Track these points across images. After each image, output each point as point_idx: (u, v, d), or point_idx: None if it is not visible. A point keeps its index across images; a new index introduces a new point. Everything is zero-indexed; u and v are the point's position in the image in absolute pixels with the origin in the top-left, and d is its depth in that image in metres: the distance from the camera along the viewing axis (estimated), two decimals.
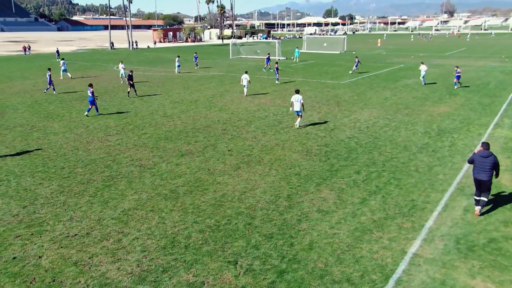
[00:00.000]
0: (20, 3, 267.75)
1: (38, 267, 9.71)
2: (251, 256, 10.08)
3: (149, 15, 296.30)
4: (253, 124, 22.89)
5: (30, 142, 19.61)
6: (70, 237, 11.01)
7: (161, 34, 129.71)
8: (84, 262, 9.90)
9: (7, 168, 16.13)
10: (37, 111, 26.52)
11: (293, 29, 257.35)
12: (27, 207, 12.81)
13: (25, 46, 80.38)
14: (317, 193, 13.68)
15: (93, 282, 9.14)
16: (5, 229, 11.42)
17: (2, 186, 14.36)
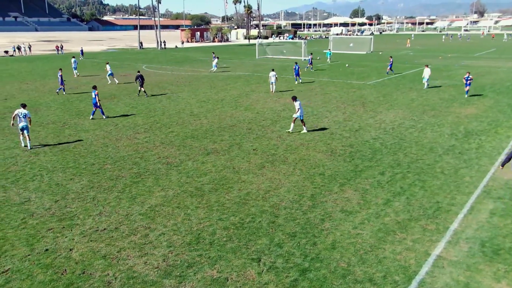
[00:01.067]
0: (53, 4, 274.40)
1: (69, 259, 10.10)
2: (274, 254, 10.24)
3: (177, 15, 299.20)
4: (278, 123, 23.04)
5: (62, 139, 20.24)
6: (99, 231, 11.39)
7: (188, 34, 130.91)
8: (113, 255, 10.24)
9: (40, 164, 16.73)
10: (69, 109, 27.31)
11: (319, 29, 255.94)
12: (59, 201, 13.29)
13: (58, 45, 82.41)
14: (341, 193, 13.74)
15: (121, 275, 9.45)
16: (38, 222, 11.90)
17: (36, 181, 14.92)
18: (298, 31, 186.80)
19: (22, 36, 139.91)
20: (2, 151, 18.33)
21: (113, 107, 27.73)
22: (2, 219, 12.05)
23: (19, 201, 13.23)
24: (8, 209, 12.70)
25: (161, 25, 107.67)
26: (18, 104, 27.73)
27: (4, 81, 40.46)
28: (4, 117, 24.84)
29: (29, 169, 16.07)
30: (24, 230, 11.42)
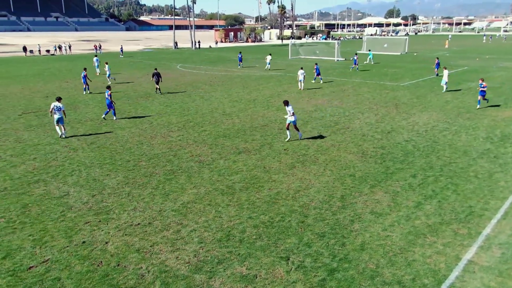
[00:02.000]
0: (93, 4, 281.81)
1: (104, 251, 10.51)
2: (303, 253, 10.36)
3: (212, 15, 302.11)
4: (310, 124, 23.08)
5: (100, 136, 20.92)
6: (134, 226, 11.79)
7: (222, 34, 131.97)
8: (146, 249, 10.59)
9: (79, 159, 17.38)
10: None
11: (353, 29, 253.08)
12: (96, 196, 13.80)
13: (96, 45, 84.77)
14: (371, 195, 13.71)
15: (153, 268, 9.78)
16: (76, 215, 12.41)
17: (74, 176, 15.53)
18: (331, 31, 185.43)
19: (62, 35, 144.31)
20: (43, 147, 19.13)
21: (148, 106, 28.40)
22: (43, 211, 12.64)
23: (58, 195, 13.83)
24: (48, 202, 13.29)
25: (195, 25, 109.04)
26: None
27: (46, 80, 42.00)
28: (46, 114, 25.82)
29: (68, 164, 16.73)
30: (63, 223, 11.94)
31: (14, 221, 12.04)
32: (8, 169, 16.26)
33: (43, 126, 22.82)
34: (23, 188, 14.34)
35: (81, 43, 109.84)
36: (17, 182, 14.93)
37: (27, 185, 14.66)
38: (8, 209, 12.79)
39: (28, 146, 19.20)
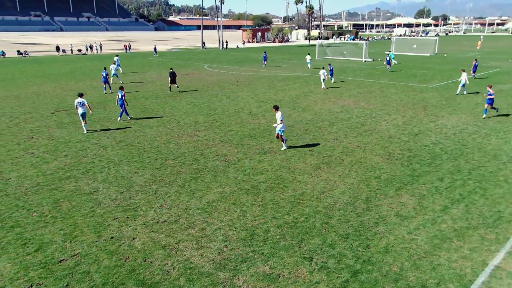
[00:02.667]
0: (123, 4, 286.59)
1: (131, 247, 10.79)
2: (326, 254, 10.40)
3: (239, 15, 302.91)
4: (336, 125, 23.01)
5: (128, 134, 21.37)
6: (160, 223, 12.04)
7: (250, 34, 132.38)
8: (172, 246, 10.82)
9: (108, 157, 17.81)
10: (135, 106, 28.67)
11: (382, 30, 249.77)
12: (124, 193, 14.14)
13: (126, 44, 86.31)
14: (397, 198, 13.61)
15: (178, 265, 9.99)
16: (105, 211, 12.75)
17: (103, 173, 15.94)
18: (359, 31, 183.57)
19: (94, 35, 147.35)
20: (74, 144, 19.67)
21: (176, 105, 28.80)
22: (73, 207, 13.04)
23: (88, 191, 14.23)
24: (78, 198, 13.70)
25: (223, 26, 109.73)
26: (89, 100, 29.52)
27: (77, 78, 43.05)
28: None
29: (98, 162, 17.18)
30: (92, 218, 12.30)
31: (46, 215, 12.47)
32: (41, 165, 16.83)
33: (74, 124, 23.44)
34: (55, 184, 14.83)
35: (111, 43, 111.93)
36: (49, 178, 15.44)
37: (58, 181, 15.14)
38: (40, 203, 13.25)
39: (60, 143, 19.79)
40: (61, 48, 79.93)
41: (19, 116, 25.62)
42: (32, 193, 14.03)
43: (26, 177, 15.53)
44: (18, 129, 22.40)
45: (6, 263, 10.03)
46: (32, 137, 20.84)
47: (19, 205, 13.12)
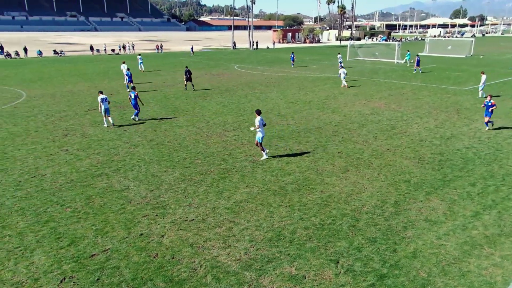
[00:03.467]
0: (156, 5, 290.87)
1: (160, 244, 11.02)
2: (352, 257, 10.36)
3: (270, 15, 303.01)
4: (365, 127, 22.80)
5: (159, 133, 21.76)
6: (188, 221, 12.24)
7: (280, 34, 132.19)
8: (199, 245, 10.99)
9: (139, 156, 18.19)
10: (166, 105, 29.16)
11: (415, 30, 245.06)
12: (154, 191, 14.42)
13: (158, 45, 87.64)
14: (426, 202, 13.41)
15: (205, 263, 10.14)
16: (135, 209, 13.05)
17: (134, 171, 16.30)
18: (392, 32, 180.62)
19: (126, 35, 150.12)
20: (106, 142, 20.17)
21: (206, 105, 29.12)
22: (105, 203, 13.40)
23: (119, 188, 14.59)
24: (110, 195, 14.06)
25: (254, 26, 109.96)
26: (121, 99, 30.19)
27: (110, 78, 44.04)
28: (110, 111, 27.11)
29: (129, 160, 17.57)
30: (123, 215, 12.61)
31: (79, 211, 12.87)
32: (74, 162, 17.34)
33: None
34: (87, 181, 15.26)
35: (143, 43, 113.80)
36: (82, 174, 15.90)
37: (91, 178, 15.57)
38: (74, 199, 13.67)
39: (93, 141, 20.33)
40: (95, 48, 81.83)
41: (54, 114, 26.44)
42: (66, 189, 14.49)
43: (61, 173, 16.04)
44: (54, 127, 23.14)
45: (41, 256, 10.41)
46: (67, 135, 21.49)
47: (53, 201, 13.58)
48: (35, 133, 21.72)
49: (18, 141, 20.29)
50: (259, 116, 16.85)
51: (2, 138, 20.87)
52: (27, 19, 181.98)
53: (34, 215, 12.56)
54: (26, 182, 15.10)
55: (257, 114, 16.92)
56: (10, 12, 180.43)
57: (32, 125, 23.45)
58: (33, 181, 15.20)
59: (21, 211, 12.85)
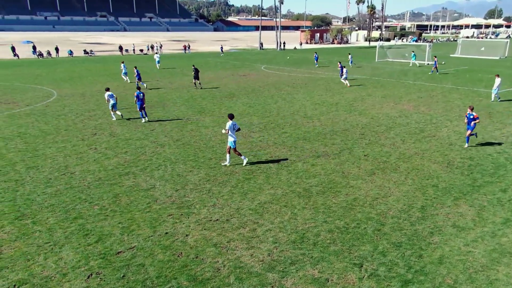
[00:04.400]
0: (184, 5, 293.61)
1: (184, 243, 11.13)
2: (377, 261, 10.23)
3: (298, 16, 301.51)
4: (393, 130, 22.48)
5: (185, 133, 21.98)
6: (212, 221, 12.33)
7: (308, 35, 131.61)
8: (223, 245, 11.05)
9: (165, 155, 18.43)
10: (192, 106, 29.44)
11: (447, 31, 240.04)
12: (179, 190, 14.58)
13: (185, 45, 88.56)
14: (454, 208, 13.13)
15: (229, 263, 10.20)
16: (160, 208, 13.23)
17: (160, 170, 16.52)
18: (423, 33, 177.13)
19: (155, 36, 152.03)
20: (134, 141, 20.51)
21: (232, 106, 29.26)
22: (131, 202, 13.63)
23: (145, 187, 14.81)
24: (136, 193, 14.29)
25: (281, 26, 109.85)
26: (149, 99, 30.60)
27: None
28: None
29: (156, 159, 17.81)
30: (148, 214, 12.80)
31: (106, 208, 13.13)
32: (103, 160, 17.70)
33: (135, 122, 24.43)
34: (115, 179, 15.55)
35: (171, 43, 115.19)
36: (110, 173, 16.21)
37: (118, 176, 15.86)
38: (101, 197, 13.96)
39: (121, 140, 20.70)
40: (124, 48, 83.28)
41: (84, 113, 27.04)
42: (94, 187, 14.81)
43: (89, 171, 16.40)
44: (83, 126, 23.67)
45: (69, 252, 10.67)
46: (95, 134, 21.95)
47: (82, 198, 13.90)
48: (65, 132, 22.27)
49: (49, 139, 20.85)
50: (231, 121, 16.38)
51: (34, 136, 21.48)
52: (59, 19, 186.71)
53: (63, 212, 12.88)
54: (56, 179, 15.51)
55: (229, 119, 16.47)
56: (43, 12, 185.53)
57: (62, 124, 24.05)
58: (62, 179, 15.59)
59: (51, 207, 13.20)
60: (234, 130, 16.43)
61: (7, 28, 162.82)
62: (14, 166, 16.98)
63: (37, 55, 71.25)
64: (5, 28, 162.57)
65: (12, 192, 14.30)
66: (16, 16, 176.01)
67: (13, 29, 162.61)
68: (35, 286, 9.32)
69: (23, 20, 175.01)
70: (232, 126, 16.32)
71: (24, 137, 21.18)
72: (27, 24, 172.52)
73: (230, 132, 16.30)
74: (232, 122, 16.34)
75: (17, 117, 25.72)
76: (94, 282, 9.49)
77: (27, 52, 74.45)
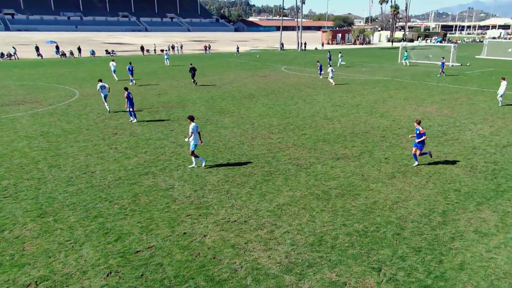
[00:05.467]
0: (205, 5, 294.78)
1: (202, 244, 11.17)
2: (396, 266, 10.09)
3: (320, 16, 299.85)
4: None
5: (204, 134, 22.06)
6: (230, 222, 12.34)
7: (329, 35, 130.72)
8: (240, 246, 11.06)
9: (184, 155, 18.50)
10: (212, 106, 29.55)
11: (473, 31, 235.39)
12: (197, 191, 14.64)
13: (206, 45, 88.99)
14: (477, 213, 12.87)
15: (246, 265, 10.19)
16: (179, 208, 13.31)
17: (179, 171, 16.62)
18: (448, 33, 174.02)
19: (176, 36, 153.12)
20: (153, 141, 20.70)
21: (251, 107, 29.27)
22: (150, 201, 13.75)
23: (164, 187, 14.92)
24: (155, 193, 14.41)
25: (303, 26, 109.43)
26: (169, 100, 30.90)
27: (159, 78, 45.12)
28: (158, 110, 27.86)
29: (175, 160, 17.93)
30: (167, 213, 12.89)
31: (125, 208, 13.27)
32: (123, 160, 17.90)
33: (155, 122, 24.65)
34: (134, 179, 15.71)
35: (192, 43, 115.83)
36: (130, 172, 16.39)
37: (138, 176, 16.02)
38: (121, 196, 14.12)
39: (141, 140, 20.91)
40: (145, 48, 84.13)
41: (105, 112, 27.39)
42: (114, 186, 14.99)
43: (109, 170, 16.61)
44: (104, 125, 23.98)
45: (89, 250, 10.82)
46: (116, 133, 22.22)
47: (102, 197, 14.08)
48: (87, 131, 22.61)
49: (70, 138, 21.19)
50: (193, 123, 16.22)
51: (56, 135, 21.87)
52: (82, 19, 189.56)
53: (84, 210, 13.07)
54: (77, 178, 15.75)
55: (191, 121, 16.27)
56: (66, 12, 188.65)
57: (84, 123, 24.43)
58: (83, 177, 15.83)
59: (72, 205, 13.41)
60: (197, 132, 16.38)
61: (31, 28, 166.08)
62: (36, 164, 17.32)
63: (60, 55, 72.53)
64: (29, 28, 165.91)
65: (34, 190, 14.59)
66: (41, 16, 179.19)
67: (37, 29, 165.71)
68: (56, 283, 9.48)
69: (47, 20, 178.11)
70: (195, 128, 16.27)
71: (47, 136, 21.59)
72: (51, 24, 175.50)
73: (194, 136, 16.25)
74: (194, 124, 16.28)
75: (40, 116, 26.24)
76: (113, 280, 9.60)
77: (51, 52, 75.85)
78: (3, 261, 10.32)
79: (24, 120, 25.07)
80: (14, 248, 10.91)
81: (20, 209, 13.15)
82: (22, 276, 9.73)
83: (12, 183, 15.26)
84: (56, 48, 75.97)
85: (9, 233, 11.70)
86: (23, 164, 17.35)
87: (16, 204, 13.46)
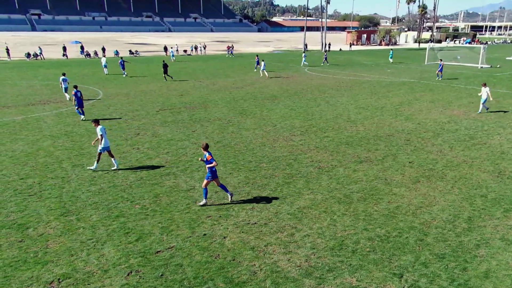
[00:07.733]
0: (228, 5, 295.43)
1: (222, 245, 11.16)
2: (418, 272, 9.88)
3: (345, 16, 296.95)
4: (441, 137, 21.71)
5: (226, 135, 22.11)
6: (250, 225, 12.31)
7: (354, 36, 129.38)
8: (260, 248, 11.00)
9: None
10: (234, 107, 29.58)
11: (504, 32, 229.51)
12: (218, 192, 14.64)
13: (229, 46, 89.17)
14: (504, 220, 12.51)
15: (265, 267, 10.13)
16: (199, 209, 13.34)
17: (200, 172, 16.66)
18: (478, 34, 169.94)
19: (199, 36, 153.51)
20: (175, 142, 20.82)
21: (273, 108, 29.18)
22: (171, 202, 13.82)
23: (185, 188, 14.98)
24: (176, 194, 14.48)
25: (327, 27, 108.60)
26: (191, 100, 31.08)
27: (181, 78, 45.44)
28: (180, 111, 28.03)
29: (196, 161, 17.97)
30: (187, 215, 12.93)
31: (147, 208, 13.38)
32: (144, 160, 18.06)
33: (176, 123, 24.80)
34: (156, 179, 15.83)
35: (215, 44, 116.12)
36: (152, 173, 16.52)
37: (159, 176, 16.13)
38: (142, 197, 14.24)
39: (163, 141, 21.06)
40: (168, 48, 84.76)
41: (127, 113, 27.72)
42: (135, 186, 15.13)
43: (131, 171, 16.76)
44: (127, 126, 24.26)
45: (111, 249, 10.94)
46: (138, 134, 22.45)
47: (124, 197, 14.23)
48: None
49: (93, 138, 21.41)
50: (99, 126, 16.31)
51: (80, 134, 22.23)
52: (106, 19, 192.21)
53: (106, 210, 13.23)
54: (100, 178, 15.96)
55: (97, 124, 16.42)
56: (91, 12, 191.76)
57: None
58: (106, 177, 16.03)
59: (94, 205, 13.59)
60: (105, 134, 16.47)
61: (57, 29, 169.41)
62: (61, 163, 17.63)
63: (84, 55, 73.76)
64: (55, 29, 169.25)
65: (58, 189, 14.84)
66: (66, 16, 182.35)
67: (62, 30, 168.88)
68: (78, 281, 9.60)
69: (72, 21, 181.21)
70: (104, 130, 16.37)
71: (71, 136, 21.97)
72: (76, 24, 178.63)
73: (104, 138, 16.28)
74: (101, 126, 16.38)
75: (65, 116, 26.73)
76: (133, 279, 9.68)
77: (76, 52, 77.25)
78: (27, 258, 10.53)
79: (49, 120, 25.58)
80: (38, 246, 11.12)
81: (44, 207, 13.39)
82: (46, 273, 9.89)
83: (37, 181, 15.57)
84: (81, 48, 77.29)
85: (33, 230, 11.92)
86: (47, 163, 17.69)
87: (41, 203, 13.72)
